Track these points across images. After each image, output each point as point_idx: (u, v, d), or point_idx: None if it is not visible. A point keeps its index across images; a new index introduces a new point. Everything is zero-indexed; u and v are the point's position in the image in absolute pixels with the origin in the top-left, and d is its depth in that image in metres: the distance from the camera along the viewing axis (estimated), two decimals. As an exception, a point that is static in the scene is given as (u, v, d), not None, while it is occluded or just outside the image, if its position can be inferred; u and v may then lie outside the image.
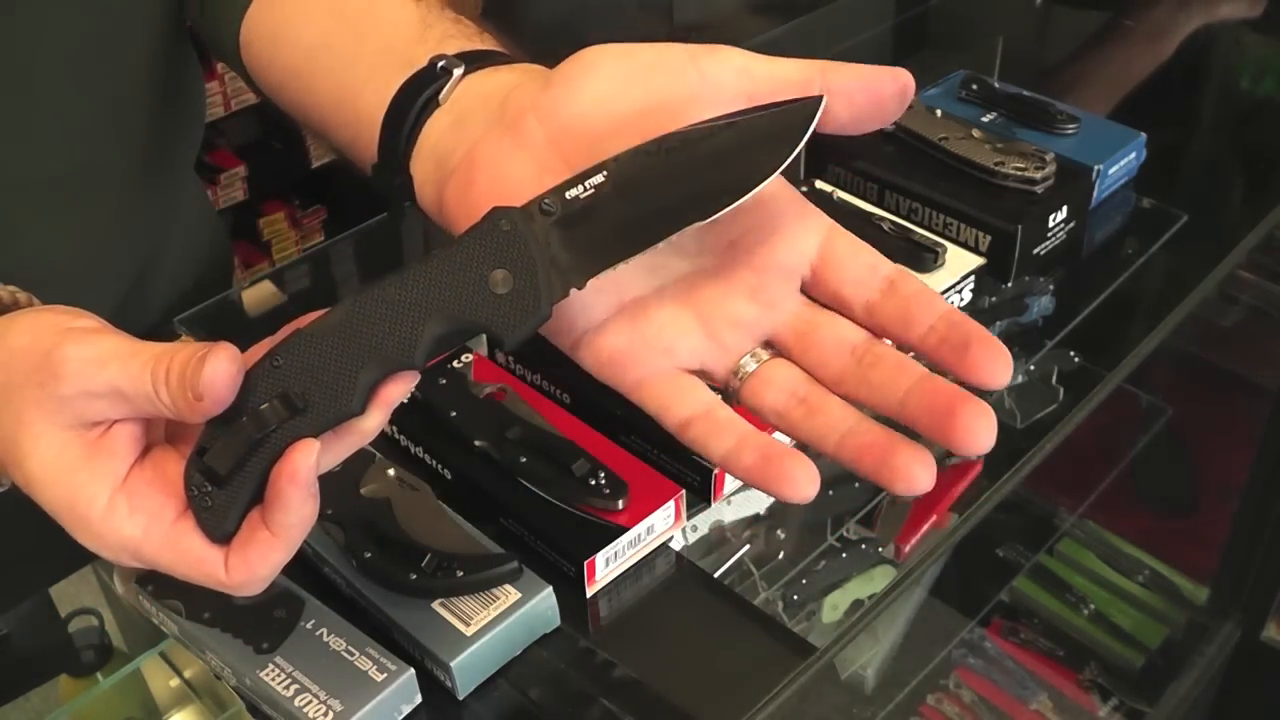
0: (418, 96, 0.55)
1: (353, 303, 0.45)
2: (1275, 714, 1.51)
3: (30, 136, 0.69)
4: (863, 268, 0.50)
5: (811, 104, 0.48)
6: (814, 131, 0.48)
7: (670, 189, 0.47)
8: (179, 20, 0.77)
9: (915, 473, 0.45)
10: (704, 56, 0.49)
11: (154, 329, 0.83)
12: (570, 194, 0.47)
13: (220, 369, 0.42)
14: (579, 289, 0.47)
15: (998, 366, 0.45)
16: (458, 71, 0.54)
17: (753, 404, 0.49)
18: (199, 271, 0.91)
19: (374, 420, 0.46)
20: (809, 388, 0.48)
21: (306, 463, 0.43)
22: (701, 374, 0.50)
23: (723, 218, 0.47)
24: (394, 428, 0.72)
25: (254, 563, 0.45)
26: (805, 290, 0.50)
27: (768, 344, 0.50)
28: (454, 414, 0.69)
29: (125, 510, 0.45)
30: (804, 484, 0.46)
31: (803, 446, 0.48)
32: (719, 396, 0.49)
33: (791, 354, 0.49)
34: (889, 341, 0.49)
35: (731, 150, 0.48)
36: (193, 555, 0.45)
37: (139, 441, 0.46)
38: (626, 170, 0.47)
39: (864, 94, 0.48)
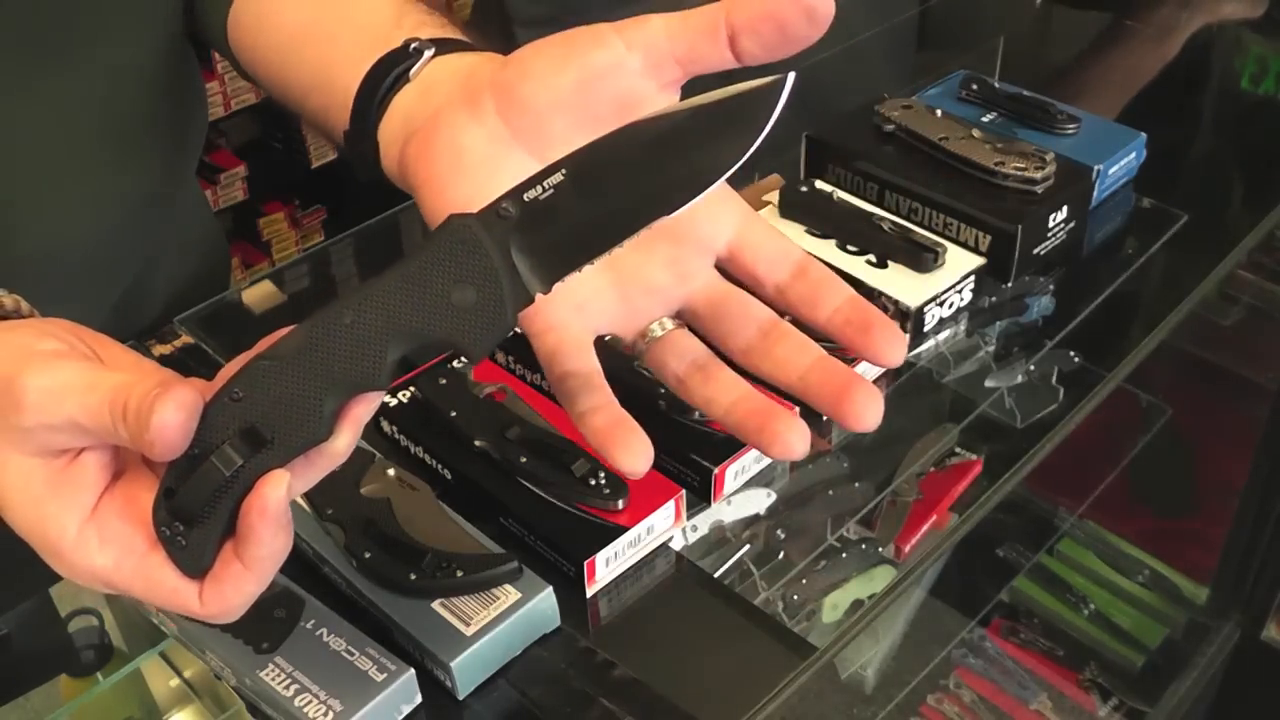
0: (390, 72, 0.58)
1: (311, 327, 0.43)
2: (1275, 714, 1.51)
3: (29, 129, 0.70)
4: (775, 251, 0.53)
5: (776, 86, 0.47)
6: (780, 110, 0.47)
7: (632, 182, 0.47)
8: (182, 20, 0.77)
9: (791, 439, 0.49)
10: (628, 27, 0.50)
11: (153, 326, 0.84)
12: (528, 196, 0.45)
13: (168, 418, 0.41)
14: (545, 294, 0.46)
15: (894, 347, 0.50)
16: (429, 53, 0.58)
17: (655, 367, 0.53)
18: (197, 271, 0.91)
19: (344, 441, 0.45)
20: (708, 359, 0.52)
21: (276, 495, 0.43)
22: (610, 334, 0.53)
23: None
24: (394, 428, 0.72)
25: (228, 595, 0.44)
26: (720, 267, 0.53)
27: (679, 314, 0.53)
28: (454, 414, 0.69)
29: (96, 542, 0.44)
30: (639, 455, 0.49)
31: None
32: (599, 367, 0.52)
33: (704, 324, 0.53)
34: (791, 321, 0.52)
35: (693, 138, 0.47)
36: (166, 587, 0.44)
37: (108, 468, 0.45)
38: (585, 166, 0.46)
39: (766, 22, 0.47)
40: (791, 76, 0.47)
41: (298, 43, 0.67)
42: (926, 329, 0.80)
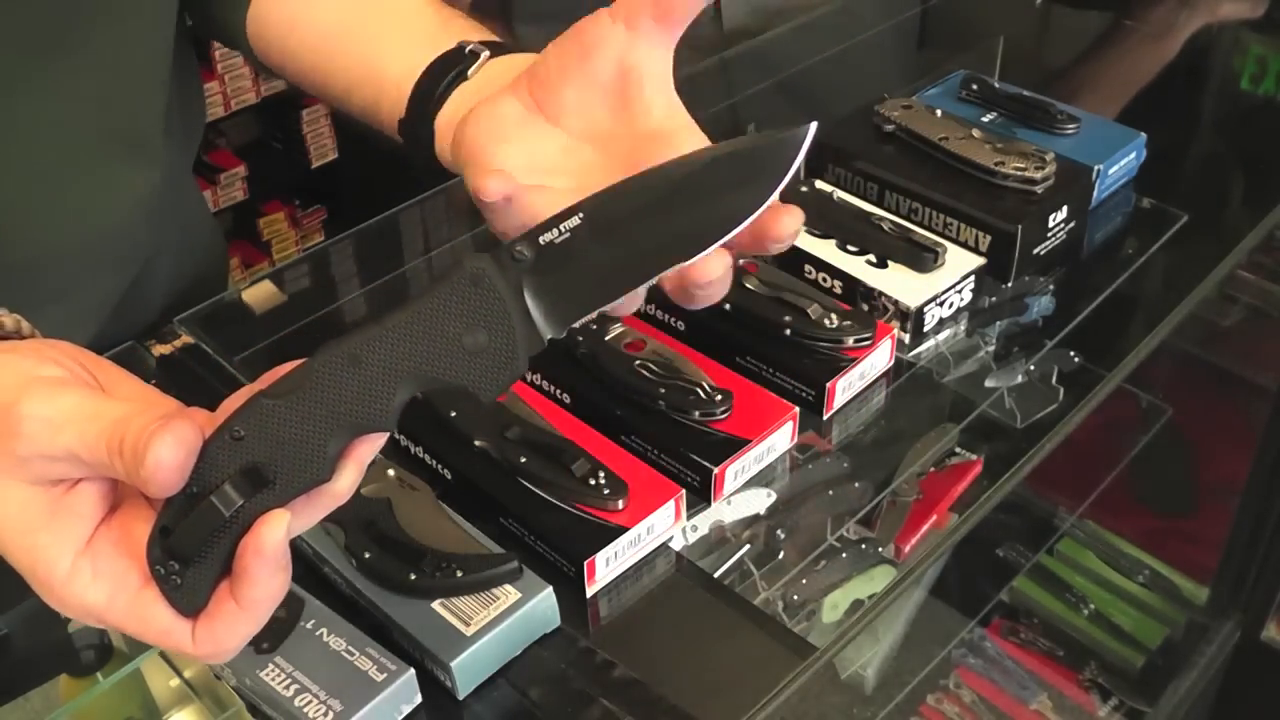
0: (449, 70, 0.64)
1: (317, 365, 0.43)
2: (1275, 714, 1.51)
3: (32, 126, 0.70)
4: None
5: (796, 137, 0.48)
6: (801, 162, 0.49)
7: (649, 229, 0.47)
8: (178, 17, 0.77)
9: None
10: (618, 1, 0.56)
11: (153, 327, 0.84)
12: (544, 239, 0.46)
13: (164, 455, 0.40)
14: (558, 337, 0.46)
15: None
16: (484, 54, 0.64)
17: None
18: (196, 270, 0.91)
19: (346, 482, 0.44)
20: None
21: (274, 538, 0.42)
22: None
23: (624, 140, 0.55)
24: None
25: (221, 636, 0.43)
26: None
27: None
28: (454, 414, 0.69)
29: (89, 576, 0.43)
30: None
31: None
32: None
33: None
34: None
35: (711, 187, 0.47)
36: (159, 626, 0.44)
37: (105, 499, 0.44)
38: (603, 211, 0.46)
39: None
40: (813, 127, 0.48)
41: (338, 41, 0.72)
42: (926, 329, 0.80)
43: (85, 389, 0.45)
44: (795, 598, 0.70)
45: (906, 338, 0.79)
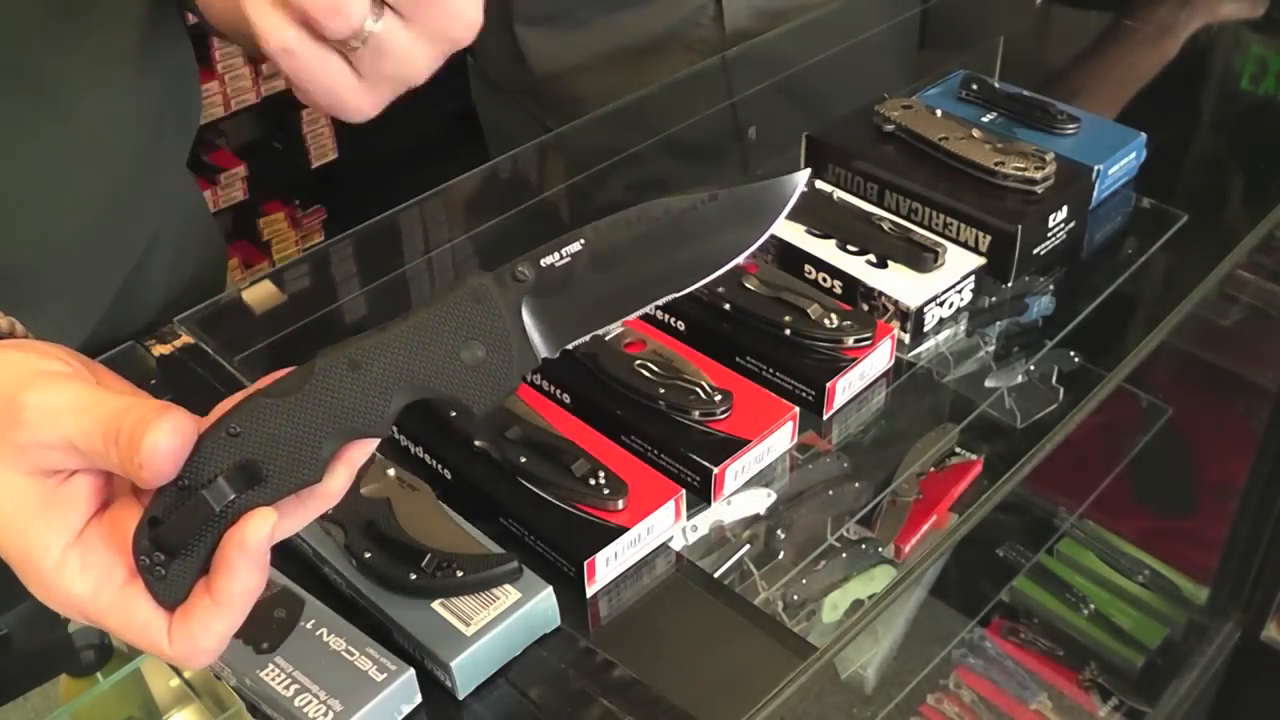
0: None
1: (316, 369, 0.44)
2: (1275, 714, 1.51)
3: (23, 117, 0.69)
4: None
5: (792, 181, 0.50)
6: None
7: (646, 261, 0.49)
8: (179, 13, 0.77)
9: None
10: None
11: (151, 326, 0.84)
12: (545, 262, 0.47)
13: (161, 442, 0.41)
14: (552, 357, 0.47)
15: None
16: None
17: None
18: (194, 268, 0.91)
19: (337, 484, 0.45)
20: None
21: (259, 533, 0.43)
22: None
23: None
24: (394, 428, 0.72)
25: (195, 632, 0.44)
26: None
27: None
28: (454, 414, 0.69)
29: (76, 566, 0.44)
30: None
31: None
32: None
33: None
34: None
35: (711, 223, 0.49)
36: (139, 620, 0.44)
37: (99, 493, 0.45)
38: (605, 240, 0.48)
39: None
40: (806, 173, 0.51)
41: None
42: (926, 329, 0.80)
43: (85, 383, 0.46)
44: (795, 598, 0.70)
45: (906, 338, 0.79)
